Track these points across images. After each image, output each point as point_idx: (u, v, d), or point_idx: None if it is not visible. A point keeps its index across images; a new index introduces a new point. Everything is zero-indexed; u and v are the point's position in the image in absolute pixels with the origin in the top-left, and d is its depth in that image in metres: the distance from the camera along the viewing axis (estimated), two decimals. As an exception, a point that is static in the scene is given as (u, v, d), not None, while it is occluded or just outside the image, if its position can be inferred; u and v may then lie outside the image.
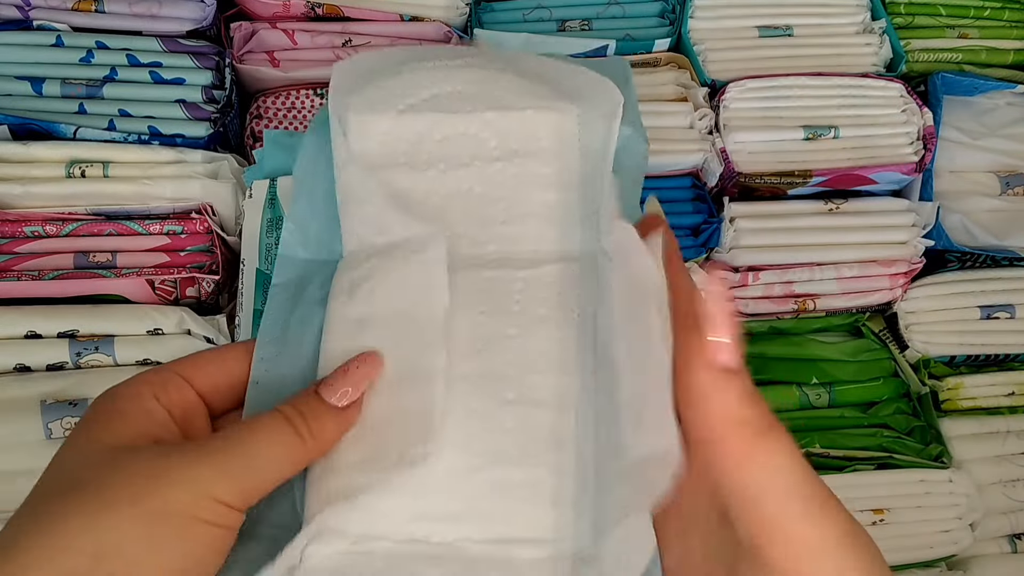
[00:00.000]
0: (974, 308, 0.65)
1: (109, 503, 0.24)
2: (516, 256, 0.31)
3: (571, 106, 0.33)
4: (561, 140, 0.33)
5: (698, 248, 0.61)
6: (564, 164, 0.32)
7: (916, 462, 0.59)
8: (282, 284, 0.33)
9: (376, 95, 0.33)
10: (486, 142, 0.33)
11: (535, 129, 0.33)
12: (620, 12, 0.67)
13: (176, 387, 0.28)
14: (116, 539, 0.23)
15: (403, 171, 0.32)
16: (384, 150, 0.33)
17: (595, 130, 0.33)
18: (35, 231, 0.54)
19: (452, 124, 0.33)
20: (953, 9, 0.71)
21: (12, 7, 0.57)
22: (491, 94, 0.33)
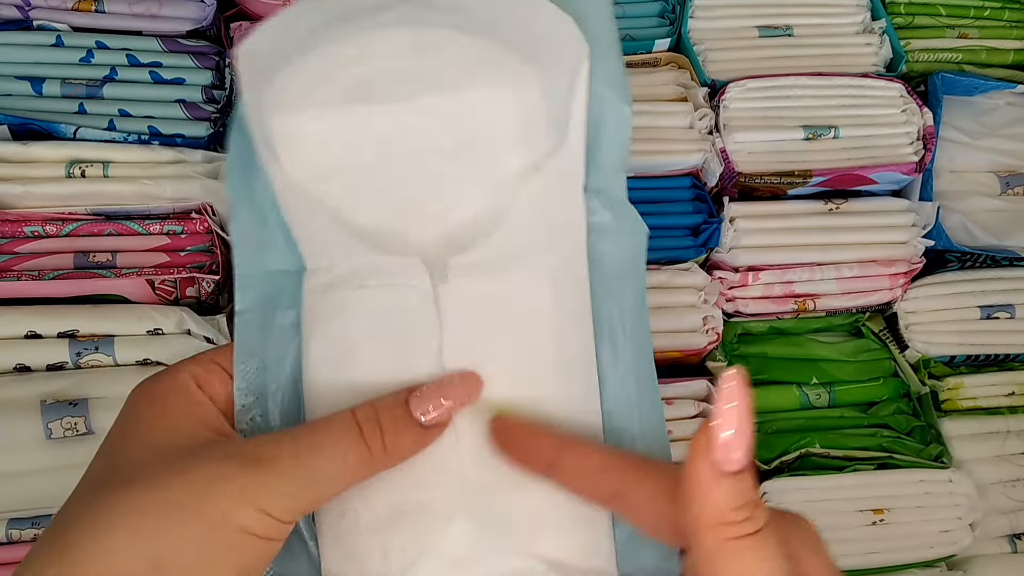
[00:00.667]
0: (974, 308, 0.65)
1: (168, 508, 0.23)
2: (498, 257, 0.28)
3: (530, 72, 0.27)
4: (524, 120, 0.28)
5: (698, 248, 0.61)
6: (528, 148, 0.28)
7: (916, 462, 0.59)
8: (247, 309, 0.29)
9: (291, 87, 0.28)
10: (432, 133, 0.28)
11: (487, 111, 0.28)
12: (620, 12, 0.67)
13: (220, 378, 0.28)
14: (174, 547, 0.22)
15: (344, 178, 0.28)
16: (316, 155, 0.28)
17: (561, 99, 0.27)
18: (35, 231, 0.54)
19: (391, 117, 0.28)
20: (953, 9, 0.71)
21: (12, 7, 0.57)
22: (432, 69, 0.27)
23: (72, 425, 0.50)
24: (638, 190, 0.61)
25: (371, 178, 0.28)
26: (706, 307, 0.60)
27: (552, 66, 0.27)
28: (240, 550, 0.23)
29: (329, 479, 0.25)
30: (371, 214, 0.28)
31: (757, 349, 0.63)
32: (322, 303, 0.29)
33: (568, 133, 0.27)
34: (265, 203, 0.29)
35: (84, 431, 0.50)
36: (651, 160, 0.61)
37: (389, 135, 0.28)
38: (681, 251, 0.61)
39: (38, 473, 0.50)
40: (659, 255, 0.60)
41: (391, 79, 0.27)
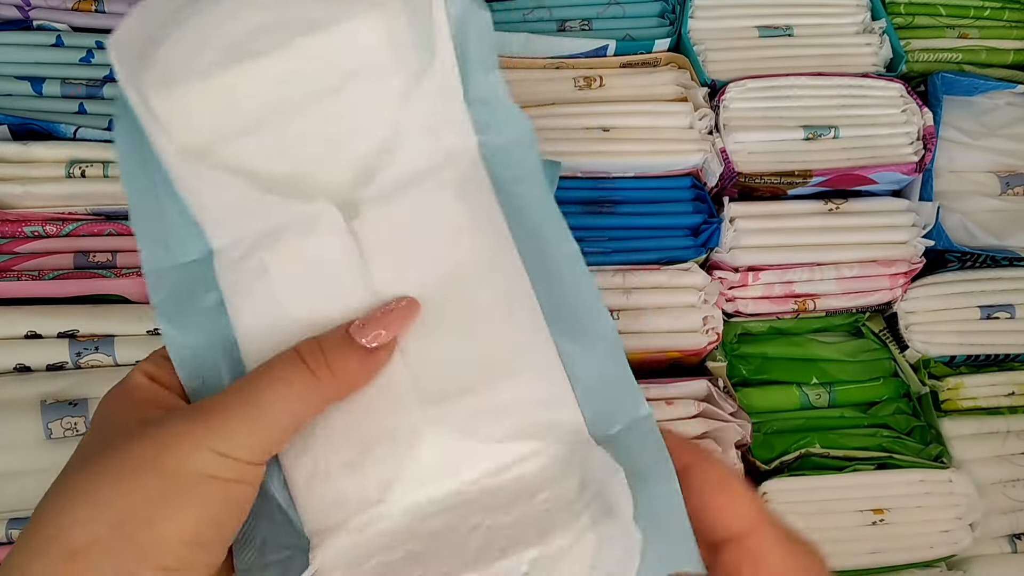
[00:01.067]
0: (974, 308, 0.65)
1: (123, 470, 0.24)
2: (402, 182, 0.29)
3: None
4: (394, 43, 0.29)
5: (698, 248, 0.61)
6: (405, 70, 0.29)
7: (916, 462, 0.59)
8: (163, 302, 0.29)
9: (169, 62, 0.28)
10: (315, 75, 0.29)
11: (362, 40, 0.28)
12: (620, 12, 0.67)
13: (170, 371, 0.28)
14: (133, 504, 0.23)
15: (239, 141, 0.29)
16: (207, 124, 0.28)
17: (423, 14, 0.28)
18: (35, 231, 0.54)
19: (268, 68, 0.28)
20: (953, 9, 0.71)
21: (12, 7, 0.57)
22: (298, 15, 0.28)
23: (72, 425, 0.50)
24: (638, 190, 0.61)
25: (266, 130, 0.29)
26: (706, 307, 0.60)
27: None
28: (203, 496, 0.24)
29: (280, 410, 0.25)
30: (273, 164, 0.29)
31: (757, 349, 0.63)
32: (240, 273, 0.29)
33: (436, 48, 0.28)
34: (161, 194, 0.29)
35: (84, 431, 0.50)
36: (651, 160, 0.61)
37: (271, 88, 0.28)
38: (681, 251, 0.61)
39: (38, 473, 0.50)
40: (659, 255, 0.60)
41: (263, 33, 0.28)
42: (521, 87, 0.64)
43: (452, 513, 0.27)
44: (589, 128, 0.62)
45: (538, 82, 0.64)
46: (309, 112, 0.29)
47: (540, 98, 0.63)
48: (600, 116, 0.62)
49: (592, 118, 0.62)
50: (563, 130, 0.61)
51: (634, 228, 0.61)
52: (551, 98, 0.63)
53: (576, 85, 0.64)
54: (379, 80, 0.29)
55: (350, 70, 0.29)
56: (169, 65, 0.28)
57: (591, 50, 0.65)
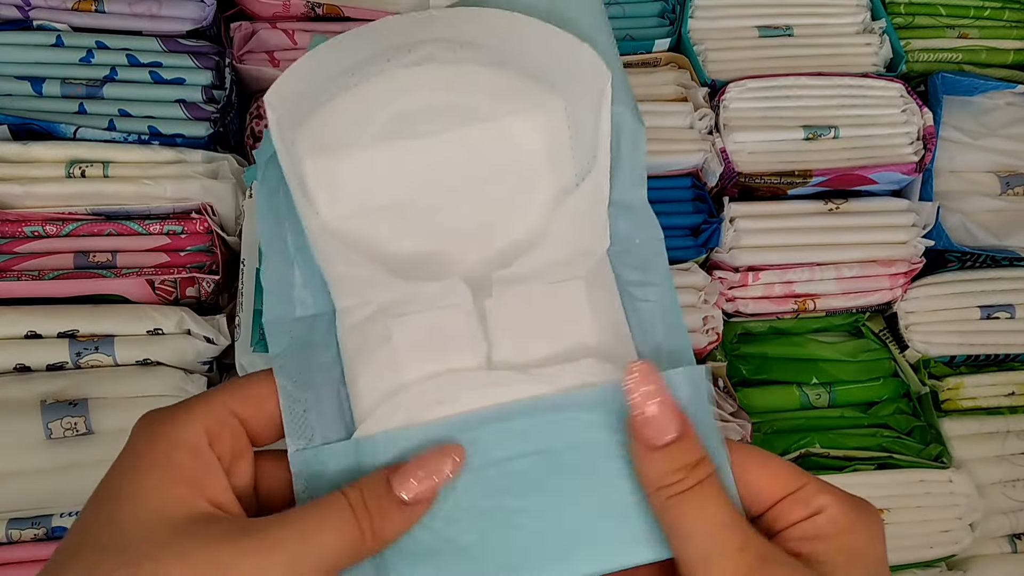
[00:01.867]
0: (974, 308, 0.65)
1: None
2: (535, 271, 0.30)
3: (555, 99, 0.29)
4: (553, 144, 0.30)
5: (698, 248, 0.61)
6: (559, 171, 0.30)
7: (916, 462, 0.59)
8: (282, 354, 0.29)
9: (328, 126, 0.28)
10: (469, 163, 0.29)
11: (520, 138, 0.29)
12: (620, 12, 0.67)
13: (231, 432, 0.27)
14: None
15: (383, 215, 0.29)
16: (356, 196, 0.29)
17: (586, 121, 0.29)
18: (35, 231, 0.54)
19: (427, 150, 0.29)
20: (953, 9, 0.71)
21: (12, 7, 0.57)
22: (462, 101, 0.29)
23: (72, 425, 0.50)
24: (638, 190, 0.61)
25: (411, 210, 0.29)
26: (706, 307, 0.60)
27: (576, 92, 0.29)
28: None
29: (327, 559, 0.25)
30: (413, 244, 0.30)
31: (757, 349, 0.63)
32: (363, 336, 0.29)
33: (597, 154, 0.29)
34: (292, 250, 0.30)
35: (84, 431, 0.50)
36: (651, 160, 0.61)
37: (425, 169, 0.29)
38: (681, 251, 0.61)
39: (38, 473, 0.50)
40: (659, 255, 0.60)
41: (424, 114, 0.29)
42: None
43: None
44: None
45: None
46: (456, 197, 0.29)
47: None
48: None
49: (592, 118, 0.62)
50: (563, 130, 0.61)
51: (634, 228, 0.61)
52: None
53: (576, 85, 0.64)
54: (531, 178, 0.30)
55: (502, 165, 0.29)
56: (328, 131, 0.28)
57: (591, 50, 0.65)
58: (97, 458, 0.50)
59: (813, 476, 0.28)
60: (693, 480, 0.27)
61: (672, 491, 0.26)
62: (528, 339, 0.29)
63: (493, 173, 0.29)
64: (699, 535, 0.26)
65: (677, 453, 0.27)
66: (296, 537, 0.25)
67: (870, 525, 0.27)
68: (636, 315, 0.31)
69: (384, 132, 0.29)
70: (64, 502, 0.49)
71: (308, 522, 0.25)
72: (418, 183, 0.29)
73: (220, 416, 0.27)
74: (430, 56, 0.29)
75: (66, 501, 0.49)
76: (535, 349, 0.29)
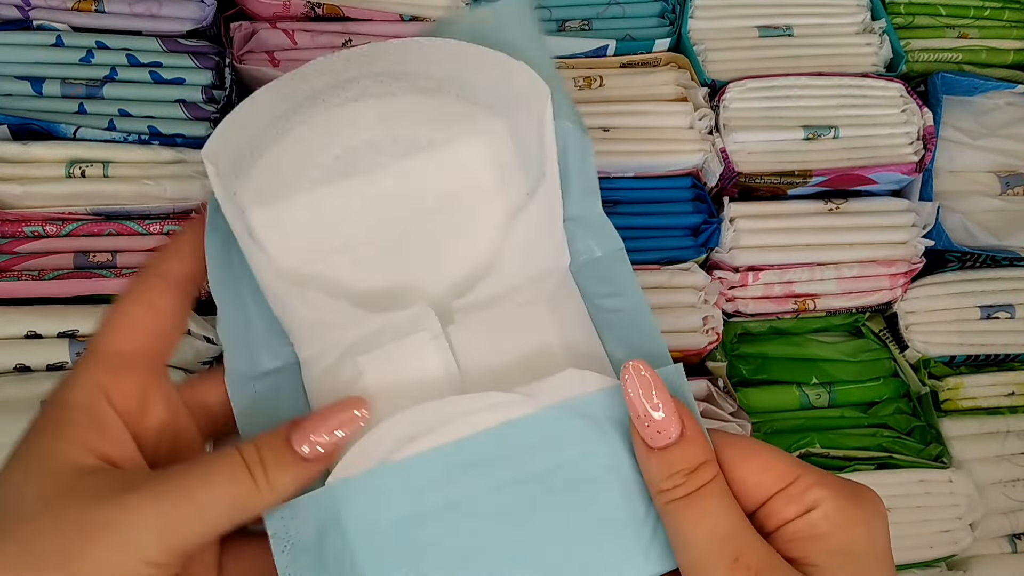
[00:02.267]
0: (974, 308, 0.65)
1: (35, 565, 0.22)
2: (497, 294, 0.29)
3: (496, 121, 0.29)
4: (500, 166, 0.29)
5: (698, 248, 0.61)
6: (508, 191, 0.29)
7: (916, 462, 0.59)
8: (244, 413, 0.28)
9: (270, 174, 0.28)
10: (417, 194, 0.29)
11: (465, 163, 0.29)
12: (620, 12, 0.67)
13: (136, 382, 0.26)
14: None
15: (337, 256, 0.29)
16: (306, 241, 0.28)
17: (530, 139, 0.29)
18: (35, 231, 0.54)
19: (372, 186, 0.28)
20: (953, 9, 0.71)
21: (12, 7, 0.57)
22: (403, 133, 0.29)
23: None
24: (638, 190, 0.61)
25: (365, 248, 0.29)
26: (706, 307, 0.60)
27: (516, 111, 0.29)
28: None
29: (215, 513, 0.24)
30: (371, 280, 0.29)
31: (757, 349, 0.63)
32: (332, 380, 0.29)
33: (544, 171, 0.29)
34: (249, 302, 0.29)
35: (84, 431, 0.50)
36: (651, 160, 0.61)
37: (374, 205, 0.28)
38: (681, 251, 0.61)
39: (38, 473, 0.50)
40: (659, 255, 0.60)
41: (365, 150, 0.28)
42: (521, 87, 0.64)
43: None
44: (589, 128, 0.62)
45: (538, 82, 0.64)
46: (409, 230, 0.29)
47: (540, 98, 0.63)
48: (600, 116, 0.62)
49: (592, 118, 0.62)
50: (563, 130, 0.61)
51: (634, 228, 0.61)
52: (551, 98, 0.63)
53: (576, 85, 0.64)
54: (481, 202, 0.29)
55: (453, 191, 0.29)
56: (269, 180, 0.28)
57: (591, 50, 0.65)
58: (97, 458, 0.50)
59: (808, 466, 0.27)
60: (692, 486, 0.26)
61: (670, 496, 0.26)
62: (498, 362, 0.29)
63: (442, 201, 0.29)
64: (696, 544, 0.25)
65: (676, 456, 0.26)
66: (178, 491, 0.24)
67: (869, 519, 0.26)
68: (608, 327, 0.30)
69: (327, 173, 0.28)
70: (64, 502, 0.49)
71: (193, 476, 0.24)
72: (369, 220, 0.29)
73: (114, 363, 0.26)
74: (365, 91, 0.28)
75: (66, 501, 0.49)
76: (507, 372, 0.28)
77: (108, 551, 0.23)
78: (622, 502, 0.27)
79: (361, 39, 0.63)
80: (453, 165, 0.29)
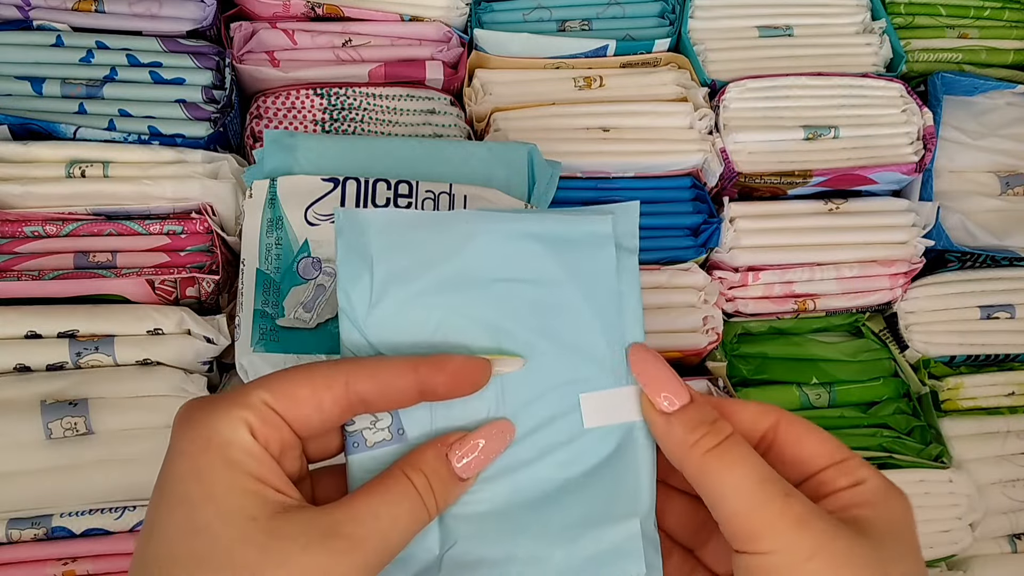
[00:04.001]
0: (974, 308, 0.65)
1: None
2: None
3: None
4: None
5: (698, 248, 0.61)
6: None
7: (916, 462, 0.59)
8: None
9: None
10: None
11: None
12: (620, 12, 0.67)
13: (274, 427, 0.27)
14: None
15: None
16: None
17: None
18: (35, 231, 0.54)
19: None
20: (953, 9, 0.71)
21: (12, 7, 0.57)
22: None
23: (72, 425, 0.50)
24: (638, 190, 0.61)
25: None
26: (706, 307, 0.60)
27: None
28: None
29: (400, 542, 0.27)
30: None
31: (757, 349, 0.63)
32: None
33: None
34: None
35: (84, 431, 0.50)
36: (651, 160, 0.61)
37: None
38: (681, 251, 0.61)
39: (38, 473, 0.50)
40: (659, 255, 0.60)
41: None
42: (521, 87, 0.64)
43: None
44: (589, 128, 0.62)
45: (538, 82, 0.64)
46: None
47: (540, 98, 0.63)
48: (600, 116, 0.62)
49: (592, 118, 0.62)
50: (563, 130, 0.61)
51: (634, 228, 0.61)
52: (551, 98, 0.63)
53: (576, 85, 0.64)
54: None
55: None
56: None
57: (591, 50, 0.65)
58: (97, 458, 0.50)
59: (855, 452, 0.30)
60: (720, 434, 0.29)
61: (703, 447, 0.29)
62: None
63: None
64: (743, 487, 0.28)
65: (694, 412, 0.30)
66: (379, 535, 0.26)
67: (907, 508, 0.29)
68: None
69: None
70: (64, 502, 0.49)
71: (383, 518, 0.27)
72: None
73: (260, 413, 0.27)
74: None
75: (66, 501, 0.49)
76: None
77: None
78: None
79: (361, 39, 0.63)
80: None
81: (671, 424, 0.30)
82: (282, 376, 0.28)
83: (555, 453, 0.32)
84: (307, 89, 0.61)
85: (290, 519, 0.26)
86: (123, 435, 0.51)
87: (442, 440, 0.30)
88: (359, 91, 0.61)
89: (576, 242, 0.34)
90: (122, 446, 0.51)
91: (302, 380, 0.28)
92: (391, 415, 0.31)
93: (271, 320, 0.47)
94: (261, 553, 0.24)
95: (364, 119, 0.61)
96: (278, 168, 0.49)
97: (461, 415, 0.31)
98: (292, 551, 0.25)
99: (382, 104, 0.62)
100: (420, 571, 0.30)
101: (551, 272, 0.33)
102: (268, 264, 0.48)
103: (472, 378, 0.30)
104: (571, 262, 0.34)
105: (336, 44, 0.63)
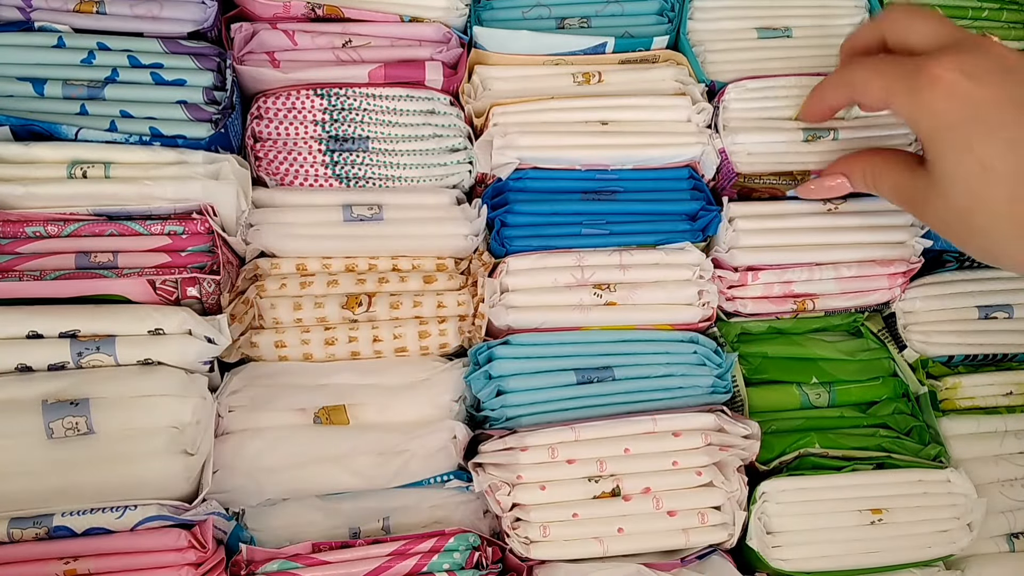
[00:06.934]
0: (972, 308, 0.65)
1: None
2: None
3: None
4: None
5: (695, 232, 0.61)
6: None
7: (914, 462, 0.59)
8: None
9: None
10: None
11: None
12: (619, 10, 0.67)
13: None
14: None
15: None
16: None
17: None
18: (36, 231, 0.54)
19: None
20: (952, 9, 0.71)
21: (13, 8, 0.57)
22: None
23: (73, 425, 0.50)
24: (635, 180, 0.62)
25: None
26: (701, 282, 0.61)
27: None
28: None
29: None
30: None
31: (757, 349, 0.64)
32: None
33: None
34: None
35: (85, 431, 0.50)
36: (649, 153, 0.61)
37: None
38: (679, 235, 0.62)
39: (39, 472, 0.50)
40: (656, 239, 0.61)
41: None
42: (520, 83, 0.64)
43: None
44: (588, 122, 0.62)
45: (537, 78, 0.64)
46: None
47: (539, 93, 0.63)
48: (599, 110, 0.62)
49: (591, 112, 0.62)
50: (562, 124, 0.62)
51: (633, 214, 0.62)
52: (550, 93, 0.63)
53: (575, 81, 0.64)
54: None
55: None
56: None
57: (590, 47, 0.65)
58: (98, 457, 0.50)
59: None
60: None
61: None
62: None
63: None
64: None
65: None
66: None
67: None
68: None
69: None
70: (65, 502, 0.49)
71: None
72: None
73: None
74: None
75: (67, 501, 0.49)
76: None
77: None
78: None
79: (361, 39, 0.63)
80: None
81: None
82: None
83: None
84: (307, 90, 0.61)
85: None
86: (124, 435, 0.51)
87: None
88: (359, 92, 0.62)
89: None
90: (123, 446, 0.51)
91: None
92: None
93: None
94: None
95: (364, 119, 0.62)
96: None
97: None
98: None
99: (382, 104, 0.62)
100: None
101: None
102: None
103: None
104: None
105: (336, 45, 0.63)
